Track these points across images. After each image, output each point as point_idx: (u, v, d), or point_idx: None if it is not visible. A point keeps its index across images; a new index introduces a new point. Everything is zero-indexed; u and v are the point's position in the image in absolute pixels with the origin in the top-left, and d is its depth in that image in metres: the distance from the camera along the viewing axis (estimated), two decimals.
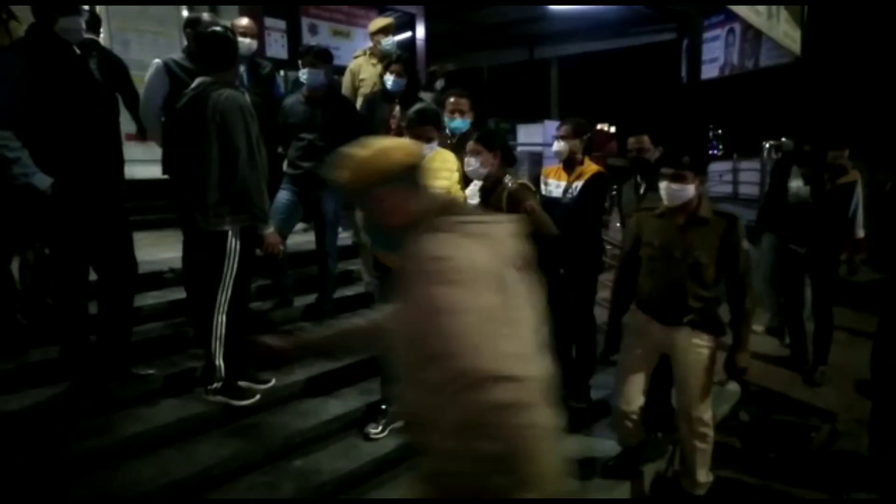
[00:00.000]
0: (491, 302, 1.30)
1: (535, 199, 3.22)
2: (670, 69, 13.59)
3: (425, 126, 3.12)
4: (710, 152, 15.00)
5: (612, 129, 17.70)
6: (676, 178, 2.83)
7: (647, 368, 3.09)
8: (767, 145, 11.42)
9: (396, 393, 1.47)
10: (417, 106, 3.23)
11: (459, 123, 3.86)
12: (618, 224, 6.56)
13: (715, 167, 12.77)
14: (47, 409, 2.99)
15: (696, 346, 2.91)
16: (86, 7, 3.03)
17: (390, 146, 1.52)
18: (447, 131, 3.94)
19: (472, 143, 3.26)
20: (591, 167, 3.81)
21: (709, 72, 12.01)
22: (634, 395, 3.09)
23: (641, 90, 17.14)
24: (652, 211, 3.03)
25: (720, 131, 19.19)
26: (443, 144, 3.79)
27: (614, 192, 6.55)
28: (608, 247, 7.12)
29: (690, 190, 2.83)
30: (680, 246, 2.88)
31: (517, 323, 1.35)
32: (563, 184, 3.79)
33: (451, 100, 3.89)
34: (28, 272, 3.42)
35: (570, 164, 3.81)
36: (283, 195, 4.05)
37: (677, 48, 12.83)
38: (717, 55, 12.41)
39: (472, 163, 3.25)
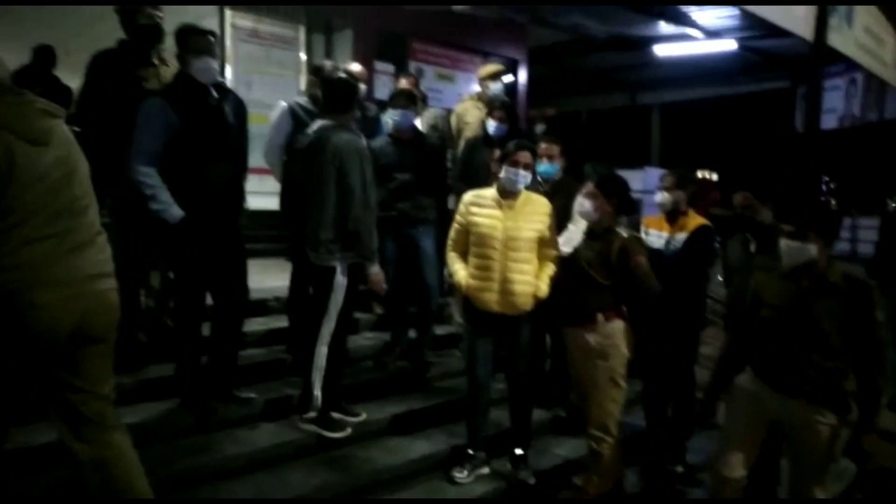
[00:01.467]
0: None
1: (645, 254, 3.17)
2: (781, 119, 13.04)
3: (523, 151, 3.24)
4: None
5: (714, 177, 17.06)
6: (795, 235, 2.67)
7: (756, 437, 2.88)
8: (894, 204, 10.63)
9: None
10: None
11: (548, 168, 3.88)
12: (719, 278, 6.29)
13: None
14: (158, 424, 3.17)
15: (815, 423, 2.67)
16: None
17: None
18: (537, 177, 3.96)
19: (590, 186, 3.25)
20: (695, 219, 3.70)
21: (826, 122, 11.39)
22: (737, 463, 2.89)
23: (748, 139, 16.49)
24: (774, 271, 2.86)
25: (833, 185, 18.06)
26: (535, 190, 3.82)
27: (717, 245, 6.27)
28: (708, 301, 6.84)
29: (812, 250, 2.63)
30: (803, 311, 2.66)
31: None
32: (665, 235, 3.70)
33: (543, 145, 3.92)
34: (151, 295, 3.70)
35: (673, 215, 3.72)
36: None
37: (790, 97, 12.31)
38: (835, 105, 11.76)
39: (585, 205, 3.23)
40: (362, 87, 4.34)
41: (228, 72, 6.59)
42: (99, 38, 3.55)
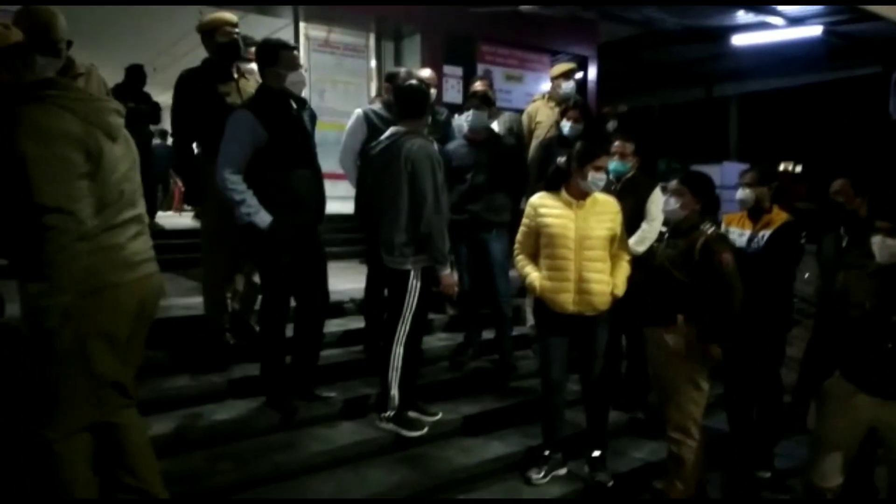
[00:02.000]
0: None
1: (731, 252, 3.06)
2: (872, 106, 12.26)
3: (605, 156, 3.26)
4: None
5: (798, 169, 16.20)
6: (892, 232, 2.53)
7: (850, 444, 2.75)
8: None
9: None
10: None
11: (619, 166, 3.81)
12: (806, 275, 5.98)
13: None
14: (245, 421, 3.32)
15: None
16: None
17: None
18: (609, 175, 3.89)
19: (676, 184, 3.20)
20: (780, 215, 3.56)
21: None
22: (832, 471, 2.76)
23: (836, 129, 15.60)
24: (863, 268, 2.72)
25: None
26: (607, 189, 3.76)
27: (803, 241, 5.97)
28: (795, 300, 6.51)
29: None
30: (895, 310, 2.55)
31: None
32: (748, 233, 3.57)
33: (616, 143, 3.85)
34: (237, 298, 3.89)
35: (755, 212, 3.59)
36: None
37: (883, 82, 11.55)
38: None
39: (671, 203, 3.19)
40: (433, 91, 4.41)
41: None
42: (181, 56, 3.78)
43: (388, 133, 3.35)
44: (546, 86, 5.38)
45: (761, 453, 3.62)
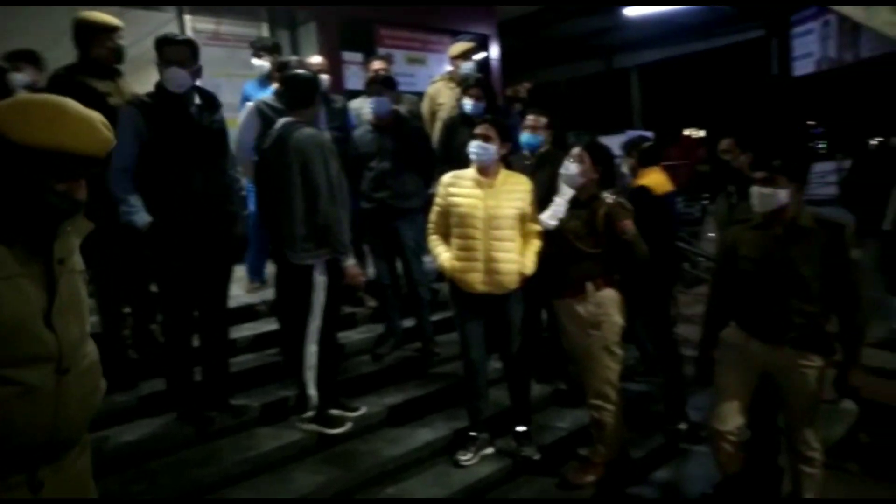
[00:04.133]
0: None
1: (631, 218, 3.11)
2: (761, 68, 12.96)
3: (482, 124, 3.26)
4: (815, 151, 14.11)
5: (702, 134, 16.99)
6: (767, 181, 2.66)
7: (747, 388, 2.89)
8: (873, 142, 10.61)
9: None
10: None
11: (532, 139, 3.84)
12: (710, 235, 6.26)
13: (817, 168, 11.98)
14: (158, 438, 3.16)
15: (801, 367, 2.70)
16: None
17: None
18: (523, 150, 3.92)
19: (579, 150, 3.20)
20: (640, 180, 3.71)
21: (804, 68, 11.29)
22: (731, 414, 2.89)
23: (729, 92, 16.42)
24: (747, 222, 2.85)
25: (822, 130, 18.01)
26: (520, 164, 3.78)
27: (706, 202, 6.26)
28: (700, 259, 6.83)
29: (783, 195, 2.64)
30: (779, 259, 2.68)
31: None
32: None
33: (531, 117, 3.88)
34: (137, 310, 3.66)
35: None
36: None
37: (767, 46, 12.21)
38: (812, 50, 11.66)
39: (571, 168, 3.19)
40: (325, 78, 4.27)
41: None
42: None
43: (277, 125, 3.22)
44: (449, 67, 5.33)
45: (675, 407, 3.76)
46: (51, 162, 1.44)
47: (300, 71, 3.29)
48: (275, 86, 4.04)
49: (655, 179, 3.76)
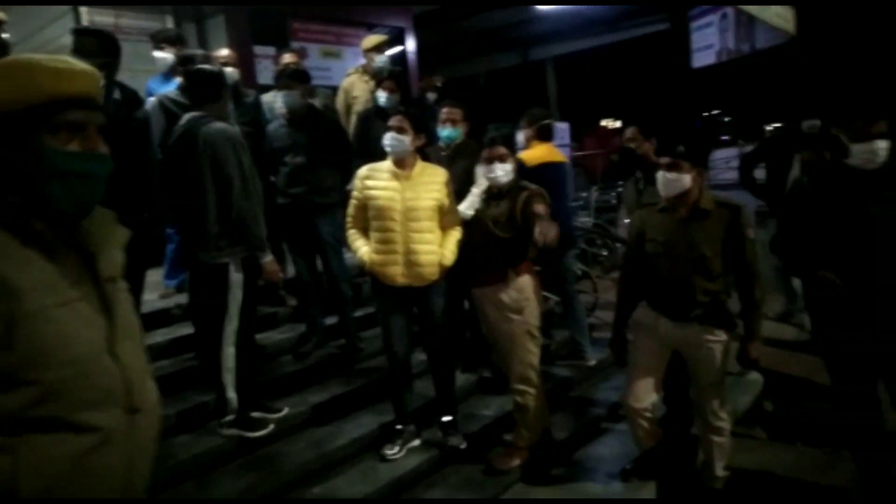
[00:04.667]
0: None
1: (546, 204, 3.15)
2: (667, 59, 13.53)
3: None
4: (721, 139, 14.88)
5: (618, 124, 17.59)
6: (671, 167, 2.78)
7: (659, 366, 3.03)
8: (769, 128, 11.31)
9: None
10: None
11: (451, 132, 3.86)
12: (626, 220, 6.48)
13: (721, 154, 12.64)
14: None
15: (707, 342, 2.85)
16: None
17: None
18: (440, 142, 3.94)
19: (500, 149, 3.19)
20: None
21: (705, 59, 11.86)
22: (644, 392, 3.03)
23: (640, 83, 17.05)
24: (654, 206, 2.98)
25: (727, 118, 19.01)
26: (437, 155, 3.79)
27: (621, 189, 6.46)
28: (617, 245, 7.06)
29: (686, 180, 2.77)
30: (684, 240, 2.82)
31: None
32: None
33: (445, 110, 3.90)
34: None
35: None
36: None
37: (672, 38, 12.74)
38: (712, 41, 12.27)
39: (507, 168, 3.19)
40: (232, 72, 4.14)
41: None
42: None
43: (182, 120, 3.08)
44: (363, 60, 5.28)
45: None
46: (46, 117, 1.23)
47: (204, 66, 3.15)
48: (178, 80, 3.87)
49: (535, 153, 4.04)
